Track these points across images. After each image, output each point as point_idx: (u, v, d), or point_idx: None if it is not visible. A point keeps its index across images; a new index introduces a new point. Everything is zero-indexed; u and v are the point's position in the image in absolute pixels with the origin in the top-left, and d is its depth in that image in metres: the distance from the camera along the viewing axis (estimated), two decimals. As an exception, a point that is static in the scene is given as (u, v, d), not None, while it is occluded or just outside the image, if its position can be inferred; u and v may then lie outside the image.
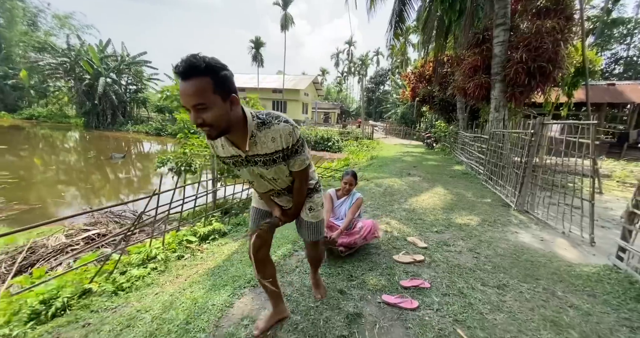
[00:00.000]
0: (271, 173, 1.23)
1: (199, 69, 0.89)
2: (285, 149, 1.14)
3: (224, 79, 0.94)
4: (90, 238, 3.62)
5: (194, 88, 0.90)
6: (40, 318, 1.91)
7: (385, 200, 4.35)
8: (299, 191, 1.35)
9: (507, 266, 2.37)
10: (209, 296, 1.93)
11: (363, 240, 2.36)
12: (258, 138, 1.10)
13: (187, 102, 0.92)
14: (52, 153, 14.62)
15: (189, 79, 0.90)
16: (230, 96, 0.98)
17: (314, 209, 1.47)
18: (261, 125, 1.09)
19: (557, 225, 3.34)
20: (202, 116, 0.94)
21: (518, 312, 1.77)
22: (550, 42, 5.43)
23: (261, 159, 1.16)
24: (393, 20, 9.89)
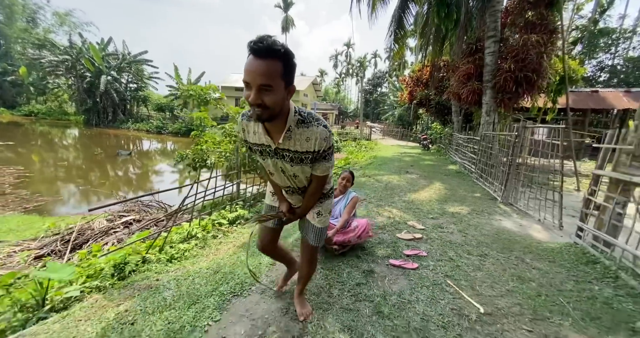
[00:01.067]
0: (294, 170, 1.23)
1: (278, 52, 0.92)
2: (315, 152, 1.14)
3: (292, 67, 0.98)
4: (128, 223, 4.09)
5: (267, 68, 0.91)
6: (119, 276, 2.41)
7: (387, 193, 4.88)
8: (312, 195, 1.36)
9: (489, 242, 2.92)
10: (250, 261, 2.43)
11: (357, 239, 2.38)
12: (294, 134, 1.11)
13: (255, 80, 0.93)
14: (60, 149, 14.91)
15: (264, 59, 0.91)
16: (292, 85, 1.02)
17: (322, 215, 1.46)
18: (301, 122, 1.11)
19: (535, 214, 3.91)
20: (263, 97, 0.95)
21: (494, 271, 2.31)
22: (535, 54, 6.05)
23: (290, 155, 1.17)
24: (392, 27, 10.46)
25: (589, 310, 1.83)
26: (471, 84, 7.09)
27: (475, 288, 2.03)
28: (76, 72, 26.09)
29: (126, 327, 1.59)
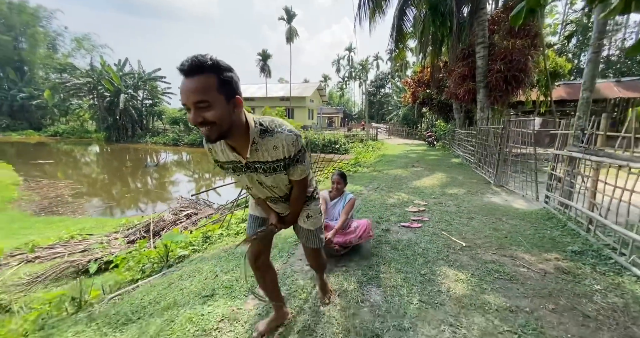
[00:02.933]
0: (270, 180, 1.20)
1: (204, 67, 0.87)
2: (287, 158, 1.12)
3: (229, 79, 0.92)
4: (188, 215, 5.12)
5: (197, 85, 0.87)
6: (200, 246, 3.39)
7: (395, 183, 5.78)
8: (296, 200, 1.33)
9: (477, 210, 3.79)
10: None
11: (358, 239, 2.37)
12: (260, 145, 1.08)
13: (188, 99, 0.89)
14: (94, 164, 16.34)
15: (192, 76, 0.88)
16: (235, 97, 0.95)
17: (311, 217, 1.43)
18: (264, 132, 1.07)
19: (520, 192, 4.74)
20: (202, 114, 0.90)
21: (476, 226, 3.19)
22: (520, 56, 6.88)
23: (262, 167, 1.14)
24: (393, 33, 11.37)
25: (538, 243, 2.70)
26: (466, 85, 7.95)
27: (461, 235, 2.92)
28: (97, 93, 28.00)
29: (213, 275, 2.56)
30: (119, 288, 2.57)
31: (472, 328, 1.58)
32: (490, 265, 2.28)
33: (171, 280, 2.34)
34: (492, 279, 2.09)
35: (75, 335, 1.70)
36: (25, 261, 3.76)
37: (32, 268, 3.68)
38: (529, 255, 2.46)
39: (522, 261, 2.36)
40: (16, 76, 32.67)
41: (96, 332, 1.70)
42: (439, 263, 2.35)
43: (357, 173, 7.63)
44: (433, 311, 1.74)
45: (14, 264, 3.67)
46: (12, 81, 32.80)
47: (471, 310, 1.73)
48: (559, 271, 2.18)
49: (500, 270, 2.21)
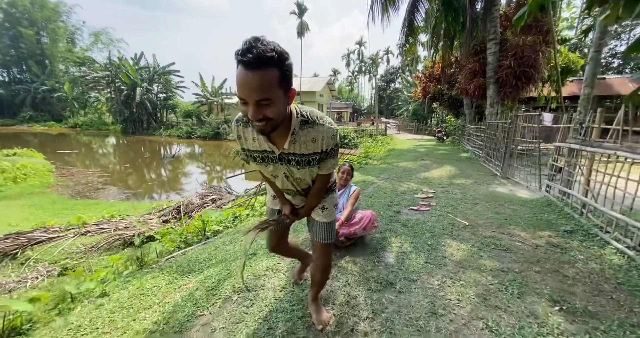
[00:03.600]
0: (301, 173, 1.16)
1: (271, 60, 0.80)
2: (323, 152, 1.08)
3: (289, 71, 0.87)
4: (213, 200, 5.60)
5: (262, 81, 0.81)
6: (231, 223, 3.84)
7: (405, 174, 6.11)
8: (317, 194, 1.29)
9: (482, 198, 4.11)
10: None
11: (363, 231, 2.38)
12: (299, 137, 1.03)
13: (251, 96, 0.83)
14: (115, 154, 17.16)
15: (257, 70, 0.80)
16: (291, 89, 0.91)
17: (327, 209, 1.37)
18: (304, 124, 1.03)
19: (524, 182, 5.01)
20: (264, 112, 0.86)
21: (480, 210, 3.52)
22: (531, 52, 7.01)
23: (296, 159, 1.10)
24: (405, 28, 11.48)
25: (534, 224, 3.03)
26: (477, 80, 8.12)
27: (465, 217, 3.27)
28: (115, 86, 28.94)
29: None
30: (169, 254, 3.04)
31: (468, 281, 1.96)
32: (488, 239, 2.64)
33: (216, 245, 2.79)
34: (489, 249, 2.45)
35: (153, 278, 2.16)
36: (79, 235, 4.31)
37: (85, 240, 4.22)
38: (525, 233, 2.80)
39: (517, 237, 2.70)
40: (38, 70, 33.99)
41: (169, 277, 2.15)
42: (443, 237, 2.71)
43: (368, 165, 7.97)
44: (436, 269, 2.12)
45: (71, 236, 4.22)
46: (34, 74, 34.17)
47: (468, 269, 2.11)
48: (550, 245, 2.52)
49: (497, 243, 2.56)
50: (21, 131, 29.21)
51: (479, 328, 1.50)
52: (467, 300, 1.74)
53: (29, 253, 3.82)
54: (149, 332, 1.51)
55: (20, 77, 36.21)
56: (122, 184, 9.44)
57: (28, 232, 4.17)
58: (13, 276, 3.33)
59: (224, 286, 1.90)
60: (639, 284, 1.89)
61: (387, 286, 1.89)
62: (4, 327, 1.75)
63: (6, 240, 3.97)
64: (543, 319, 1.57)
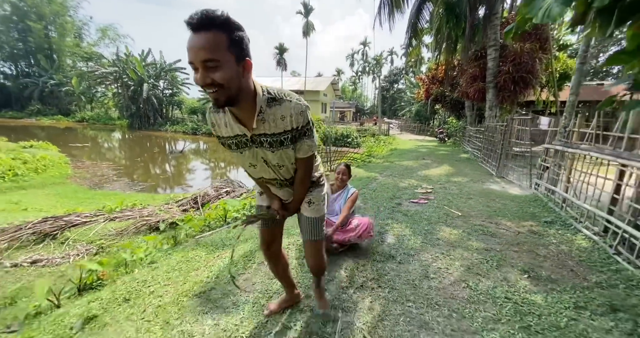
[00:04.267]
0: (276, 157, 1.12)
1: (215, 23, 0.82)
2: (294, 129, 1.05)
3: (240, 39, 0.87)
4: (227, 192, 6.03)
5: (207, 41, 0.81)
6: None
7: (406, 172, 6.51)
8: (301, 183, 1.25)
9: (476, 193, 4.51)
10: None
11: (357, 239, 2.28)
12: (267, 115, 1.01)
13: (197, 56, 0.83)
14: (125, 148, 17.62)
15: (202, 31, 0.82)
16: (245, 59, 0.90)
17: (313, 203, 1.33)
18: (271, 101, 1.01)
19: (517, 181, 5.40)
20: (211, 75, 0.85)
21: (473, 204, 3.92)
22: (529, 58, 7.38)
23: (268, 140, 1.07)
24: (410, 30, 11.78)
25: (519, 215, 3.43)
26: (477, 84, 8.48)
27: (459, 209, 3.67)
28: (122, 82, 29.40)
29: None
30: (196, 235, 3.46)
31: (456, 256, 2.36)
32: (477, 227, 3.04)
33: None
34: (477, 234, 2.85)
35: (193, 250, 2.58)
36: (108, 220, 4.74)
37: (114, 225, 4.65)
38: (510, 222, 3.20)
39: (503, 226, 3.10)
40: (47, 63, 34.48)
41: (206, 249, 2.57)
42: (439, 224, 3.12)
43: (371, 163, 8.38)
44: (431, 247, 2.53)
45: (101, 221, 4.65)
46: (43, 68, 34.67)
47: (458, 248, 2.51)
48: (530, 232, 2.92)
49: (485, 229, 2.97)
50: (29, 124, 29.73)
51: (462, 287, 1.91)
52: (454, 269, 2.15)
53: (67, 234, 4.25)
54: (204, 283, 1.93)
55: (28, 70, 36.74)
56: (136, 177, 9.88)
57: (64, 216, 4.61)
58: (57, 253, 3.77)
59: (255, 255, 2.31)
60: (597, 261, 2.29)
61: (389, 259, 2.30)
62: (81, 282, 2.18)
63: (45, 222, 4.41)
64: (513, 283, 1.97)
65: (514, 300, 1.77)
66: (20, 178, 7.74)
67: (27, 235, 4.08)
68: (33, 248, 3.97)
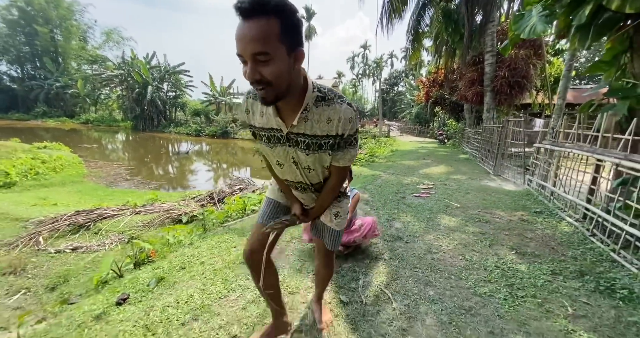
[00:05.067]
0: (309, 160, 1.00)
1: (269, 6, 0.71)
2: (338, 136, 0.94)
3: (294, 25, 0.76)
4: (240, 189, 6.42)
5: (258, 31, 0.72)
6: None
7: (408, 170, 6.90)
8: (330, 191, 1.12)
9: (474, 189, 4.90)
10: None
11: (363, 239, 2.27)
12: (312, 114, 0.91)
13: (246, 49, 0.74)
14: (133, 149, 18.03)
15: (252, 18, 0.72)
16: (297, 49, 0.79)
17: (340, 216, 1.24)
18: (320, 100, 0.90)
19: (512, 179, 5.79)
20: (261, 70, 0.75)
21: (470, 197, 4.31)
22: (524, 64, 7.80)
23: (306, 141, 0.95)
24: (410, 35, 12.18)
25: (512, 207, 3.82)
26: (475, 88, 8.91)
27: (458, 201, 4.06)
28: (127, 84, 29.92)
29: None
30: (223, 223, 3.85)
31: (455, 237, 2.75)
32: (474, 215, 3.43)
33: (263, 216, 3.60)
34: (473, 221, 3.24)
35: (225, 234, 2.96)
36: (134, 213, 5.13)
37: (139, 218, 5.04)
38: (503, 212, 3.59)
39: (496, 215, 3.49)
40: (53, 66, 35.03)
41: (237, 233, 2.96)
42: (439, 213, 3.51)
43: (375, 162, 8.78)
44: (433, 231, 2.92)
45: (128, 214, 5.04)
46: (49, 71, 35.21)
47: (456, 232, 2.90)
48: (520, 220, 3.31)
49: (480, 218, 3.35)
50: (35, 126, 30.13)
51: (459, 259, 2.30)
52: (453, 246, 2.54)
53: (99, 225, 4.64)
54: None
55: (34, 73, 37.26)
56: (148, 176, 10.28)
57: (94, 209, 5.00)
58: (94, 241, 4.15)
59: (284, 236, 2.71)
60: (575, 242, 2.68)
61: (397, 239, 2.69)
62: (136, 258, 2.57)
63: (77, 215, 4.80)
64: (502, 256, 2.36)
65: (502, 268, 2.15)
66: (41, 176, 8.13)
67: (64, 226, 4.47)
68: (70, 237, 4.37)
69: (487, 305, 1.69)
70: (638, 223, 2.17)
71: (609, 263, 2.22)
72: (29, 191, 7.18)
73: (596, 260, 2.27)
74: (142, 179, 9.65)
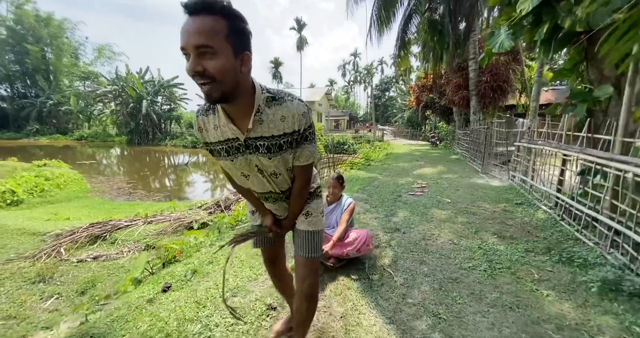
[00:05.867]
0: (273, 164, 1.00)
1: (215, 7, 0.74)
2: (295, 132, 0.94)
3: (241, 29, 0.79)
4: (245, 196, 6.75)
5: (203, 25, 0.73)
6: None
7: (403, 171, 7.33)
8: (299, 194, 1.11)
9: (463, 186, 5.33)
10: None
11: (356, 253, 2.17)
12: (265, 115, 0.91)
13: (189, 40, 0.74)
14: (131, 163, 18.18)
15: (199, 15, 0.74)
16: (244, 52, 0.81)
17: (311, 215, 1.17)
18: (271, 100, 0.91)
19: (498, 176, 6.25)
20: (203, 63, 0.75)
21: (461, 194, 4.73)
22: (504, 69, 8.41)
23: (265, 144, 0.95)
24: (398, 43, 12.78)
25: (496, 200, 4.24)
26: (461, 93, 9.48)
27: (449, 197, 4.47)
28: (122, 99, 30.17)
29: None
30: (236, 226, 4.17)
31: (446, 227, 3.14)
32: (462, 208, 3.84)
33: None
34: (462, 214, 3.64)
35: (243, 233, 3.30)
36: (146, 223, 5.40)
37: (152, 227, 5.32)
38: (488, 204, 4.01)
39: (482, 207, 3.90)
40: (45, 84, 35.11)
41: (254, 232, 3.30)
42: (432, 208, 3.91)
43: (371, 166, 9.20)
44: (427, 223, 3.30)
45: (141, 224, 5.32)
46: (40, 89, 35.26)
47: (447, 222, 3.29)
48: (503, 211, 3.73)
49: (468, 210, 3.76)
50: (28, 144, 29.98)
51: (448, 243, 2.68)
52: (443, 234, 2.92)
53: (114, 235, 4.90)
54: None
55: (24, 91, 37.23)
56: (150, 189, 10.51)
57: (109, 221, 5.27)
58: (112, 250, 4.42)
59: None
60: (547, 226, 3.09)
61: (396, 231, 3.07)
62: (167, 257, 2.89)
63: (93, 227, 5.06)
64: (485, 240, 2.75)
65: (484, 248, 2.54)
66: (47, 193, 8.32)
67: (82, 238, 4.74)
68: (89, 247, 4.64)
69: (470, 275, 2.07)
70: (593, 205, 2.60)
71: (572, 241, 2.63)
72: (37, 208, 7.38)
73: (562, 239, 2.68)
74: (146, 192, 9.88)
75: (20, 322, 2.75)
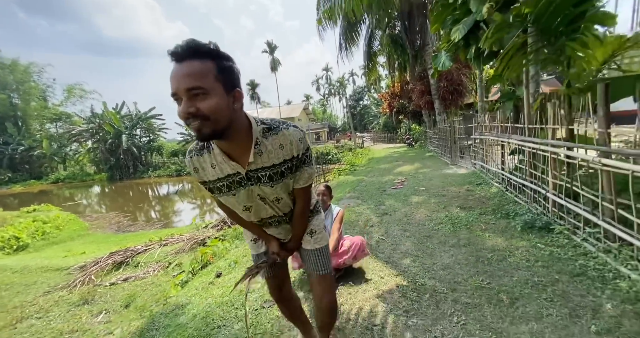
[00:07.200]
0: (275, 191, 1.02)
1: (201, 51, 0.76)
2: (295, 158, 0.97)
3: (229, 68, 0.81)
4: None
5: (192, 69, 0.75)
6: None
7: (385, 171, 8.26)
8: (301, 216, 1.13)
9: (435, 176, 6.28)
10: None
11: (353, 260, 2.18)
12: (264, 146, 0.93)
13: (180, 85, 0.75)
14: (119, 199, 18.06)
15: (186, 60, 0.75)
16: (234, 89, 0.83)
17: (315, 232, 1.21)
18: (267, 131, 0.93)
19: (464, 165, 7.30)
20: (196, 104, 0.76)
21: (434, 182, 5.65)
22: (456, 75, 9.76)
23: (267, 173, 0.97)
24: (365, 57, 14.14)
25: (461, 183, 5.19)
26: (425, 98, 10.76)
27: (424, 186, 5.37)
28: (99, 137, 29.82)
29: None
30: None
31: (422, 207, 3.99)
32: (434, 192, 4.73)
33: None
34: (434, 196, 4.52)
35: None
36: (162, 245, 5.88)
37: (168, 248, 5.80)
38: (455, 188, 4.93)
39: (450, 190, 4.82)
40: (14, 131, 33.99)
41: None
42: (411, 195, 4.77)
43: (356, 170, 10.10)
44: (407, 206, 4.15)
45: (157, 247, 5.79)
46: (9, 136, 34.04)
47: (423, 204, 4.15)
48: (466, 190, 4.65)
49: (439, 193, 4.65)
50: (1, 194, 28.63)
51: (424, 217, 3.52)
52: (420, 212, 3.76)
53: (136, 259, 5.35)
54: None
55: (-8, 140, 35.73)
56: (149, 219, 10.78)
57: (127, 249, 5.70)
58: (139, 272, 4.90)
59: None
60: (496, 197, 4.01)
61: (384, 214, 3.88)
62: (204, 261, 3.51)
63: (114, 255, 5.49)
64: (451, 212, 3.62)
65: (449, 217, 3.39)
66: (49, 235, 8.47)
67: (107, 265, 5.18)
68: (115, 273, 5.09)
69: (438, 232, 2.91)
70: (521, 175, 3.55)
71: (512, 203, 3.55)
72: (44, 250, 7.57)
73: (505, 203, 3.60)
74: (146, 222, 10.17)
75: (84, 333, 3.25)
